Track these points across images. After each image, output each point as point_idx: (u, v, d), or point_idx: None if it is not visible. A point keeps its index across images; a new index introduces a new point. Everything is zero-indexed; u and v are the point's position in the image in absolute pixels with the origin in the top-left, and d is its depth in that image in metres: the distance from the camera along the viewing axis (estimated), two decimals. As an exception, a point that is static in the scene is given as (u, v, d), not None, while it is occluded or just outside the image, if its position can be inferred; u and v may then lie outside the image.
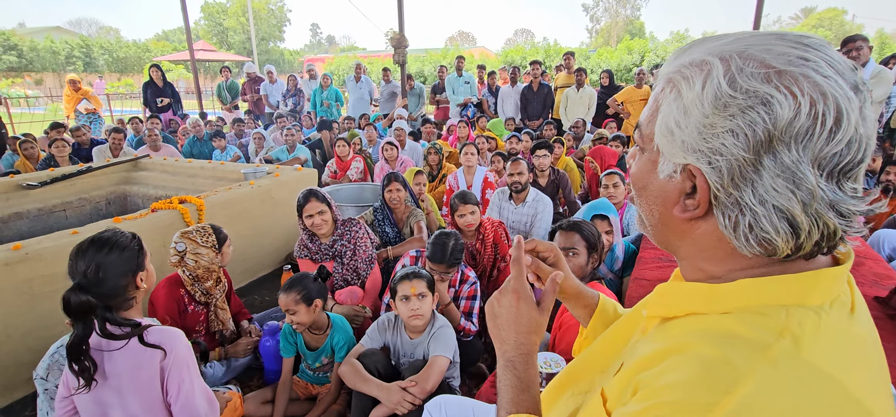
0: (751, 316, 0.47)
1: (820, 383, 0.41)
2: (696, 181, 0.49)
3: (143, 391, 1.31)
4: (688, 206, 0.50)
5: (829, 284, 0.48)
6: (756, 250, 0.47)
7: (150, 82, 7.43)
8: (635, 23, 40.56)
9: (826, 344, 0.44)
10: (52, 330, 2.15)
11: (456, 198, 2.73)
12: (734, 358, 0.43)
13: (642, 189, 0.56)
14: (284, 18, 38.81)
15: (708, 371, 0.43)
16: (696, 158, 0.47)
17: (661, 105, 0.51)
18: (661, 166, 0.52)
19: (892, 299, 1.77)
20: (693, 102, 0.47)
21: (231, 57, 23.52)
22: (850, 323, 0.47)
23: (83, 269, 1.27)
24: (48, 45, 27.17)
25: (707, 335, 0.48)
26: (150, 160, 4.59)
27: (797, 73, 0.43)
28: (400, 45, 7.70)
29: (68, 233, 2.44)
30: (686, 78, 0.48)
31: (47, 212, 3.75)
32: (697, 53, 0.49)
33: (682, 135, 0.48)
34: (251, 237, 3.34)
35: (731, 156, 0.45)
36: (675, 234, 0.55)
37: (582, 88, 6.76)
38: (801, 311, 0.46)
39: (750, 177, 0.45)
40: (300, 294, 1.92)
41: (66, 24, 41.76)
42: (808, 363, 0.42)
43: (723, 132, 0.45)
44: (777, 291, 0.47)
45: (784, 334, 0.44)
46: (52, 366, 1.75)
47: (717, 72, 0.45)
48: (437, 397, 1.29)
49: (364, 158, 5.27)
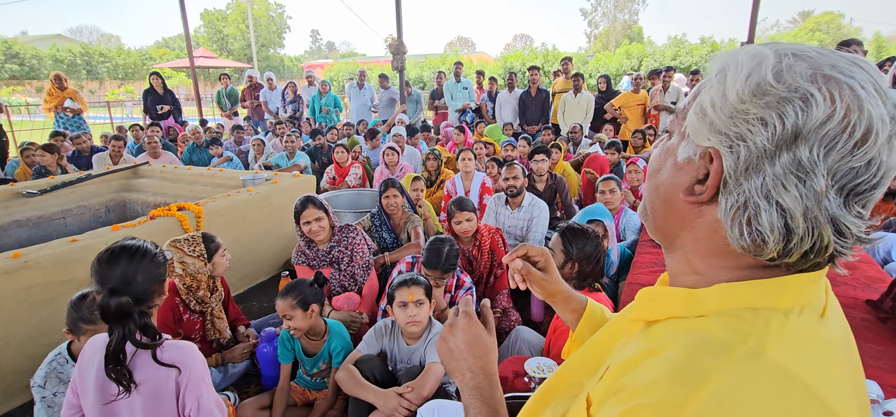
0: (724, 319, 0.48)
1: (782, 380, 0.42)
2: (711, 167, 0.49)
3: (157, 404, 1.31)
4: (695, 191, 0.51)
5: (801, 288, 0.49)
6: (747, 244, 0.48)
7: (150, 89, 7.47)
8: (633, 27, 40.71)
9: (791, 345, 0.45)
10: (51, 338, 2.16)
11: (453, 204, 2.75)
12: (703, 358, 0.44)
13: (656, 172, 0.57)
14: (284, 25, 38.97)
15: (678, 371, 0.45)
16: (718, 140, 0.48)
17: (703, 89, 0.52)
18: (681, 148, 0.53)
19: (884, 302, 1.79)
20: (734, 86, 0.47)
21: (231, 64, 23.64)
22: (818, 326, 0.48)
23: (118, 274, 1.29)
24: (51, 53, 27.30)
25: (682, 336, 0.49)
26: (150, 167, 4.61)
27: (842, 81, 0.43)
28: (398, 51, 7.75)
29: (67, 241, 2.46)
30: (737, 63, 0.48)
31: (47, 220, 3.77)
32: (756, 47, 0.49)
33: (713, 116, 0.48)
34: (249, 243, 3.35)
35: (753, 144, 0.45)
36: (676, 221, 0.55)
37: (580, 93, 6.79)
38: (769, 313, 0.47)
39: (763, 169, 0.45)
40: (296, 299, 1.93)
41: (67, 32, 42.05)
42: (772, 361, 0.43)
43: (753, 119, 0.45)
44: (751, 295, 0.49)
45: (751, 334, 0.45)
46: (50, 374, 1.76)
47: (768, 63, 0.46)
48: (431, 402, 1.31)
49: (363, 164, 5.29)
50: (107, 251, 1.33)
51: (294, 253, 2.69)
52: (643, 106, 6.67)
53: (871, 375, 1.42)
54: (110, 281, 1.28)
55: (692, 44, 18.76)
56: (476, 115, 7.59)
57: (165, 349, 1.32)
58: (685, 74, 10.70)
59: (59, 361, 1.79)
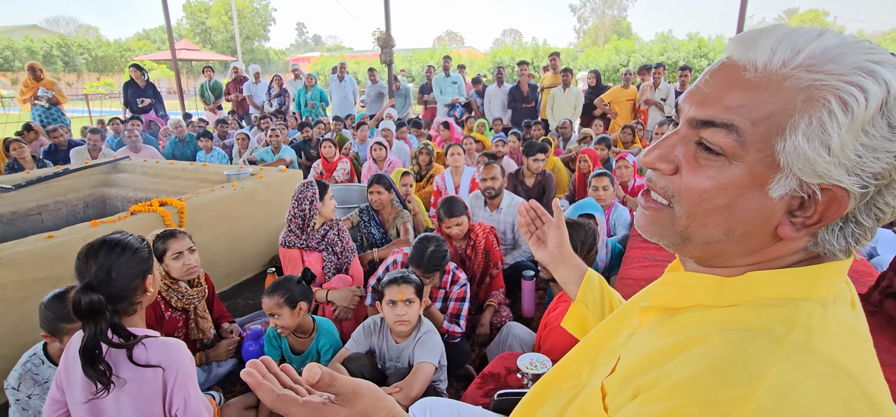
0: (762, 309, 0.46)
1: (833, 373, 0.42)
2: (824, 197, 0.44)
3: (143, 403, 1.27)
4: (797, 224, 0.46)
5: (832, 278, 0.48)
6: (842, 253, 0.47)
7: (130, 82, 7.28)
8: (622, 23, 41.01)
9: (835, 336, 0.44)
10: (26, 338, 2.08)
11: (442, 209, 2.66)
12: (751, 352, 0.43)
13: (724, 207, 0.48)
14: (269, 17, 38.34)
15: (726, 367, 0.42)
16: (850, 182, 0.43)
17: (805, 114, 0.42)
18: (777, 182, 0.45)
19: (872, 295, 1.80)
20: (864, 120, 0.41)
21: (214, 56, 23.23)
22: (853, 318, 0.48)
23: (94, 269, 1.24)
24: (26, 44, 26.48)
25: (717, 328, 0.47)
26: (130, 162, 4.49)
27: None
28: (386, 44, 7.67)
29: (43, 237, 2.37)
30: (860, 88, 0.41)
31: (22, 216, 3.63)
32: (856, 58, 0.42)
33: (842, 156, 0.42)
34: (234, 240, 3.28)
35: (884, 179, 0.43)
36: (746, 250, 0.50)
37: (568, 88, 6.79)
38: (808, 304, 0.46)
39: (882, 193, 0.44)
40: (284, 297, 1.89)
41: (43, 23, 40.78)
42: (822, 353, 0.42)
43: (885, 153, 0.41)
44: (784, 284, 0.47)
45: (795, 325, 0.44)
46: (24, 376, 1.69)
47: (890, 85, 0.41)
48: (423, 399, 1.27)
49: (350, 159, 5.23)
50: (87, 245, 1.29)
51: (282, 236, 2.67)
52: (632, 101, 6.70)
53: (862, 368, 1.43)
54: (86, 277, 1.23)
55: (679, 40, 18.97)
56: (465, 110, 7.55)
57: (152, 346, 1.28)
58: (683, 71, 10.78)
59: (34, 362, 1.72)
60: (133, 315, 1.33)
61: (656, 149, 0.52)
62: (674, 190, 0.51)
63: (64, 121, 6.32)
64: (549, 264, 0.98)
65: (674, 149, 0.51)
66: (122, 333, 1.23)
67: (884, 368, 1.36)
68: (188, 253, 2.13)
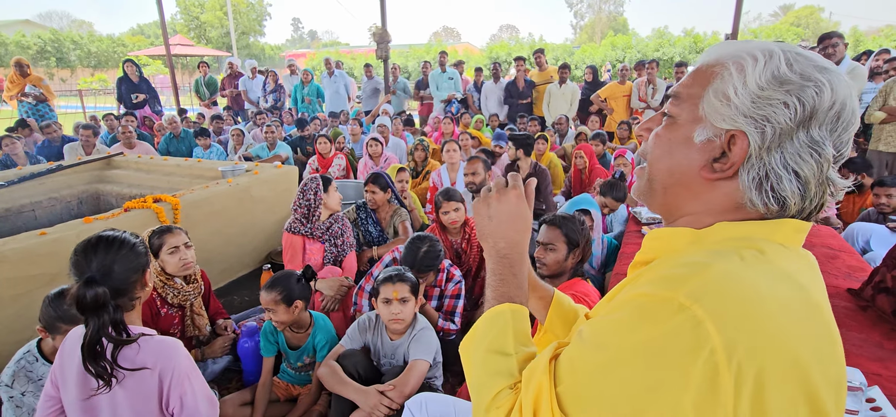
0: (727, 243, 0.55)
1: (779, 273, 0.50)
2: (734, 146, 0.55)
3: (139, 401, 1.26)
4: (716, 169, 0.57)
5: (792, 232, 0.56)
6: (772, 207, 0.55)
7: (124, 77, 7.22)
8: (619, 19, 40.97)
9: (787, 260, 0.53)
10: (19, 335, 2.07)
11: (440, 195, 2.71)
12: (710, 258, 0.51)
13: (667, 153, 0.61)
14: (264, 12, 38.01)
15: (687, 265, 0.51)
16: (745, 123, 0.54)
17: (716, 78, 0.57)
18: (698, 131, 0.58)
19: (865, 290, 1.81)
20: (754, 76, 0.54)
21: (209, 52, 23.01)
22: (806, 260, 0.57)
23: (95, 265, 1.23)
24: (17, 40, 26.17)
25: (688, 256, 0.55)
26: (124, 158, 4.46)
27: (834, 72, 0.53)
28: (382, 40, 7.63)
29: (36, 234, 2.35)
30: (752, 56, 0.55)
31: (15, 213, 3.61)
32: (756, 44, 0.57)
33: (737, 101, 0.54)
34: (230, 236, 3.27)
35: (777, 124, 0.53)
36: (689, 195, 0.60)
37: (565, 84, 6.78)
38: (767, 241, 0.54)
39: (784, 145, 0.53)
40: (281, 294, 1.89)
41: (35, 18, 40.30)
42: (771, 262, 0.51)
43: (777, 102, 0.53)
44: (749, 230, 0.56)
45: (752, 248, 0.52)
46: (18, 373, 1.68)
47: (779, 56, 0.54)
48: (419, 395, 1.28)
49: (346, 155, 5.21)
50: (84, 241, 1.28)
51: (289, 221, 2.72)
52: (628, 97, 6.70)
53: (853, 362, 1.44)
54: (87, 272, 1.22)
55: (675, 36, 18.97)
56: (462, 106, 7.54)
57: (147, 346, 1.27)
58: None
59: (28, 359, 1.71)
60: (131, 311, 1.32)
61: (645, 123, 0.68)
62: (645, 149, 0.66)
63: (52, 118, 6.24)
64: None
65: (652, 121, 0.66)
66: (118, 329, 1.22)
67: (877, 362, 1.37)
68: (184, 248, 2.12)
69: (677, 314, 0.45)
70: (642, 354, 0.46)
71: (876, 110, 3.84)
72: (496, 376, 0.61)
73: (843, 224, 3.26)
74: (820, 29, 27.96)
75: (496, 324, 0.65)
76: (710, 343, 0.43)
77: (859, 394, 1.29)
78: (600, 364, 0.50)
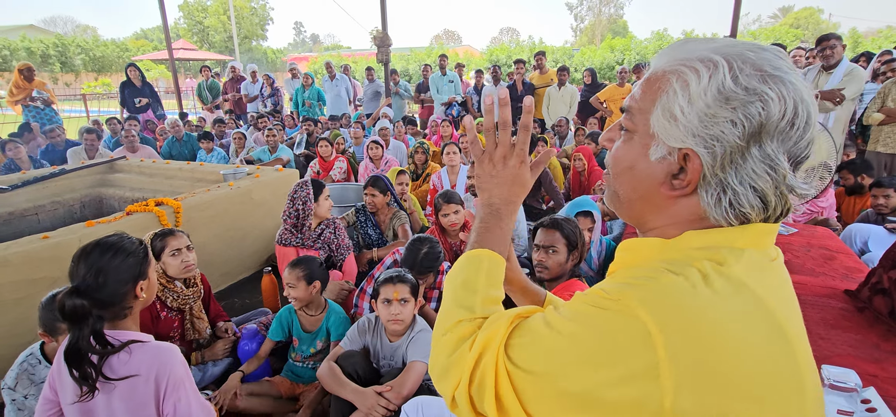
0: (688, 251, 0.55)
1: (731, 282, 0.49)
2: (688, 163, 0.55)
3: (134, 406, 1.26)
4: (675, 186, 0.56)
5: (757, 236, 0.55)
6: (732, 221, 0.54)
7: (127, 82, 7.26)
8: (619, 21, 41.00)
9: (743, 267, 0.52)
10: (22, 338, 2.08)
11: (440, 197, 2.73)
12: (665, 269, 0.52)
13: (627, 169, 0.61)
14: (267, 17, 38.23)
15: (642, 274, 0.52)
16: (694, 143, 0.53)
17: (662, 94, 0.55)
18: (653, 149, 0.57)
19: (862, 292, 1.82)
20: (699, 93, 0.52)
21: (212, 56, 23.14)
22: (768, 263, 0.56)
23: (83, 273, 1.24)
24: (21, 44, 26.34)
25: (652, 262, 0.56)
26: (127, 162, 4.49)
27: (784, 79, 0.51)
28: (383, 43, 7.67)
29: (39, 238, 2.37)
30: (694, 70, 0.53)
31: (18, 216, 3.64)
32: (700, 51, 0.54)
33: (684, 121, 0.53)
34: (231, 239, 3.29)
35: (727, 143, 0.52)
36: (653, 209, 0.60)
37: (564, 87, 6.80)
38: (728, 248, 0.54)
39: (737, 162, 0.52)
40: (304, 272, 2.09)
41: (40, 23, 40.55)
42: (730, 272, 0.50)
43: (723, 121, 0.51)
44: (714, 238, 0.56)
45: (709, 258, 0.52)
46: (21, 376, 1.69)
47: (723, 69, 0.51)
48: (416, 398, 1.29)
49: (347, 158, 5.23)
50: (82, 247, 1.28)
51: (279, 233, 2.73)
52: (627, 99, 6.71)
53: (849, 363, 1.45)
54: (75, 280, 1.23)
55: (674, 38, 18.96)
56: (462, 109, 7.56)
57: (141, 352, 1.27)
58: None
59: (30, 362, 1.73)
60: (125, 319, 1.31)
61: (607, 132, 0.67)
62: (609, 161, 0.66)
63: (58, 122, 6.29)
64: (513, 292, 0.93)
65: (613, 132, 0.65)
66: (100, 341, 1.22)
67: (873, 363, 1.37)
68: (186, 251, 2.15)
69: (624, 315, 0.48)
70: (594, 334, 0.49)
71: (874, 111, 3.84)
72: (460, 307, 0.66)
73: (842, 225, 3.26)
74: (819, 30, 27.91)
75: (471, 265, 0.70)
76: (654, 349, 0.45)
77: (854, 395, 1.30)
78: (556, 330, 0.53)
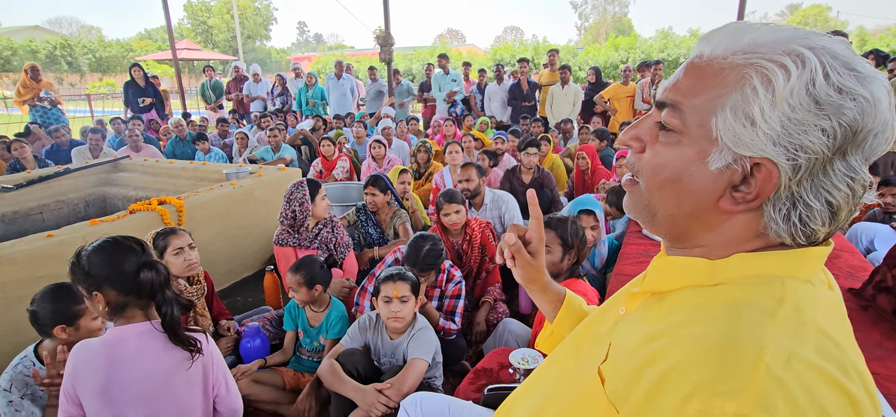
0: (748, 286, 0.48)
1: (825, 341, 0.44)
2: (758, 173, 0.47)
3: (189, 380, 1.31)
4: (737, 199, 0.49)
5: (814, 262, 0.50)
6: (800, 239, 0.48)
7: (131, 82, 7.30)
8: (623, 20, 40.86)
9: (821, 310, 0.46)
10: (26, 336, 2.08)
11: (442, 197, 2.72)
12: (746, 325, 0.44)
13: (673, 179, 0.52)
14: (270, 17, 38.34)
15: (726, 343, 0.43)
16: (775, 152, 0.45)
17: (734, 91, 0.47)
18: (714, 156, 0.49)
19: (866, 290, 1.80)
20: (785, 94, 0.44)
21: (216, 56, 23.24)
22: (832, 298, 0.51)
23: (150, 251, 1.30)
24: (26, 45, 26.54)
25: (712, 305, 0.48)
26: (131, 161, 4.51)
27: (877, 79, 0.44)
28: (386, 43, 7.67)
29: (43, 237, 2.39)
30: (781, 66, 0.45)
31: (23, 216, 3.66)
32: (782, 42, 0.46)
33: (765, 127, 0.45)
34: (234, 238, 3.30)
35: (813, 153, 0.45)
36: (702, 226, 0.53)
37: (567, 85, 6.78)
38: (794, 282, 0.48)
39: (816, 174, 0.46)
40: (305, 278, 2.11)
41: (45, 24, 40.85)
42: (812, 324, 0.44)
43: (813, 128, 0.44)
44: (770, 264, 0.49)
45: (785, 300, 0.46)
46: (16, 378, 1.65)
47: (814, 65, 0.44)
48: (415, 394, 1.29)
49: (350, 157, 5.24)
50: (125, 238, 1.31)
51: (276, 234, 2.71)
52: (632, 98, 6.68)
53: (853, 362, 1.44)
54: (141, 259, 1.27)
55: (680, 36, 18.87)
56: (465, 107, 7.55)
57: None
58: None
59: (25, 364, 1.69)
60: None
61: (631, 129, 0.57)
62: (639, 166, 0.56)
63: (64, 122, 6.35)
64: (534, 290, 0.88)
65: (643, 130, 0.56)
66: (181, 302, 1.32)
67: (876, 361, 1.36)
68: (188, 249, 2.16)
69: None
70: None
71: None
72: None
73: (848, 223, 3.24)
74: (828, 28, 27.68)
75: None
76: None
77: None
78: None
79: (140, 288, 1.22)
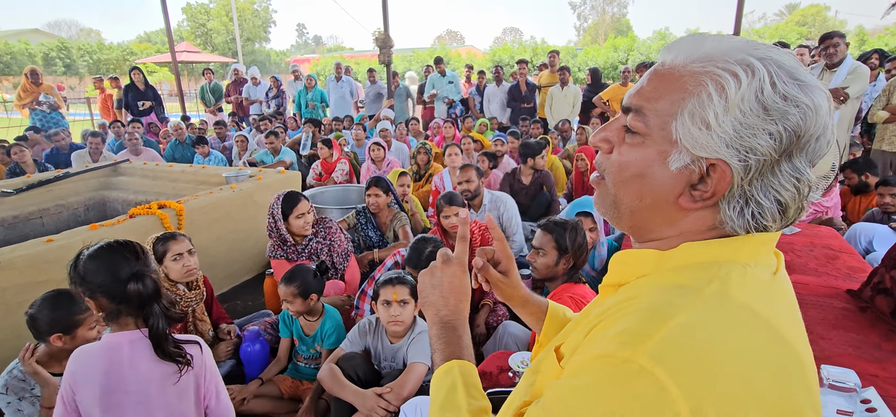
0: (690, 270, 0.53)
1: (744, 313, 0.47)
2: (713, 173, 0.51)
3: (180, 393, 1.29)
4: (696, 197, 0.53)
5: (756, 247, 0.53)
6: (752, 232, 0.52)
7: (130, 85, 7.31)
8: (622, 20, 40.91)
9: (750, 288, 0.50)
10: (25, 341, 2.10)
11: (442, 199, 2.72)
12: (672, 299, 0.48)
13: (636, 176, 0.56)
14: (269, 19, 38.36)
15: (649, 312, 0.48)
16: (728, 154, 0.49)
17: (691, 97, 0.50)
18: (673, 156, 0.52)
19: (864, 291, 1.81)
20: (737, 99, 0.48)
21: (215, 58, 23.23)
22: (771, 279, 0.54)
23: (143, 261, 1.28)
24: (23, 47, 26.54)
25: (653, 287, 0.54)
26: (130, 165, 4.52)
27: (813, 86, 0.48)
28: (385, 44, 7.67)
29: (43, 241, 2.39)
30: (733, 74, 0.49)
31: (23, 220, 3.67)
32: (734, 52, 0.50)
33: (719, 130, 0.49)
34: (233, 241, 3.30)
35: (762, 155, 0.49)
36: (662, 220, 0.57)
37: (566, 87, 6.79)
38: (730, 264, 0.51)
39: (765, 175, 0.50)
40: (298, 289, 2.07)
41: (44, 27, 40.91)
42: (734, 299, 0.48)
43: (761, 132, 0.48)
44: (713, 252, 0.53)
45: (714, 279, 0.49)
46: (10, 382, 1.67)
47: (762, 74, 0.48)
48: (414, 398, 1.29)
49: (349, 160, 5.24)
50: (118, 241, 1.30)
51: (269, 248, 2.68)
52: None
53: (851, 363, 1.44)
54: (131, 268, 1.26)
55: (677, 37, 18.86)
56: (464, 108, 7.56)
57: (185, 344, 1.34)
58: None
59: (19, 369, 1.69)
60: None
61: (601, 132, 0.61)
62: (606, 165, 0.60)
63: (64, 125, 6.35)
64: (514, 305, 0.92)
65: (612, 132, 0.60)
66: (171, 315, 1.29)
67: (874, 364, 1.36)
68: (188, 255, 2.15)
69: (639, 377, 0.43)
70: (608, 405, 0.44)
71: (879, 109, 3.81)
72: None
73: (847, 224, 3.24)
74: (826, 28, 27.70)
75: (446, 381, 0.69)
76: (674, 408, 0.41)
77: (853, 395, 1.29)
78: (569, 408, 0.48)
79: (129, 298, 1.21)
